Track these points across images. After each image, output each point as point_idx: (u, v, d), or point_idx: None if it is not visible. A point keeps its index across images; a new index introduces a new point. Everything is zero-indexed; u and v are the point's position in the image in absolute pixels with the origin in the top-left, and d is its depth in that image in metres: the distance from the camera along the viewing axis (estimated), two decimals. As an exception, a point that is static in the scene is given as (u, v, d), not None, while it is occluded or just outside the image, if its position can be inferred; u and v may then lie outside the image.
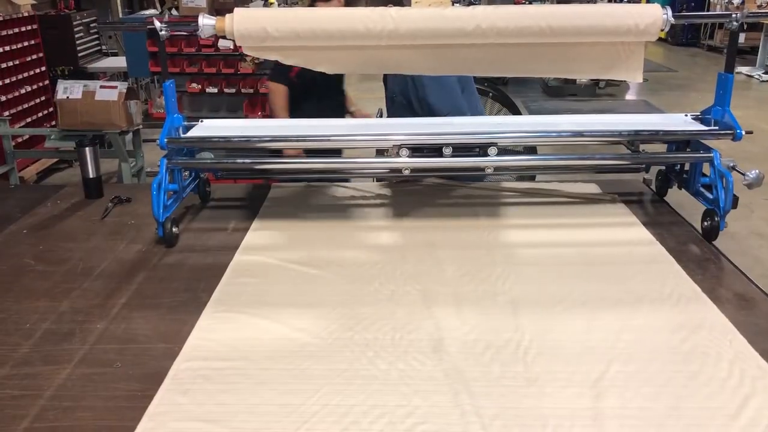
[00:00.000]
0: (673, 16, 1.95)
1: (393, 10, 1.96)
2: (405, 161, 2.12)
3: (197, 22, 2.01)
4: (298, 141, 2.30)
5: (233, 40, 2.00)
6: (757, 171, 2.00)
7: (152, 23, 2.07)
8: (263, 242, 2.10)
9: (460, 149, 2.14)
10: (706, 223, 2.08)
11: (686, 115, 2.29)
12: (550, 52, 2.06)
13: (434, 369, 1.44)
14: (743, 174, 2.03)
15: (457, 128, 2.21)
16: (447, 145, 2.10)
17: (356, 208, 2.38)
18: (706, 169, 2.14)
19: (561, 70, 2.21)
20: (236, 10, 1.98)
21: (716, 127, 2.14)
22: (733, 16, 2.00)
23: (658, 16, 1.94)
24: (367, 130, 2.32)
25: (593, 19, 1.97)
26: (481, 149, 2.11)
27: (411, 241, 2.09)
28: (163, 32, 2.05)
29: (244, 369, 1.45)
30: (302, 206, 2.43)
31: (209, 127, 2.30)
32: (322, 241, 2.12)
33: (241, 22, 1.96)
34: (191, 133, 2.23)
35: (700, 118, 2.24)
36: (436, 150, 2.13)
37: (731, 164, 2.05)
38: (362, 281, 1.84)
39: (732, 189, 2.00)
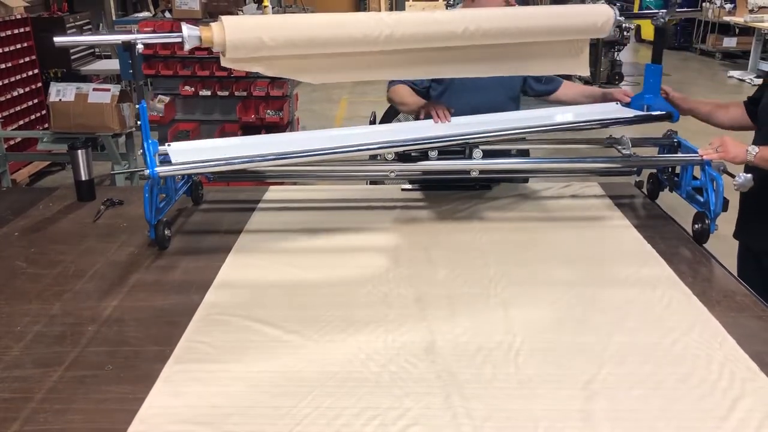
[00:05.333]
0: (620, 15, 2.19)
1: (385, 15, 1.97)
2: (391, 166, 2.14)
3: (180, 32, 1.79)
4: (286, 158, 2.06)
5: (221, 52, 1.81)
6: (746, 174, 2.02)
7: (128, 37, 1.83)
8: (256, 245, 2.10)
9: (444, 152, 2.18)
10: (696, 226, 2.09)
11: (617, 104, 2.48)
12: (517, 51, 2.15)
13: (426, 371, 1.44)
14: (734, 177, 2.04)
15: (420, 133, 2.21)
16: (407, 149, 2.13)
17: (349, 211, 2.39)
18: (698, 172, 2.16)
19: (523, 68, 2.31)
20: (224, 18, 1.82)
21: (654, 112, 2.34)
22: (660, 14, 2.30)
23: (611, 15, 2.16)
24: (351, 141, 2.18)
25: (563, 18, 2.14)
26: (468, 151, 2.18)
27: (404, 243, 2.09)
28: (139, 46, 1.80)
29: (236, 371, 1.45)
30: (295, 209, 2.43)
31: (193, 150, 2.06)
32: (315, 243, 2.12)
33: (233, 32, 1.80)
34: (183, 158, 1.95)
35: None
36: (423, 153, 2.15)
37: (722, 167, 2.07)
38: (355, 283, 1.84)
39: (722, 192, 2.02)
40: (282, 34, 1.86)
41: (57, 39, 1.83)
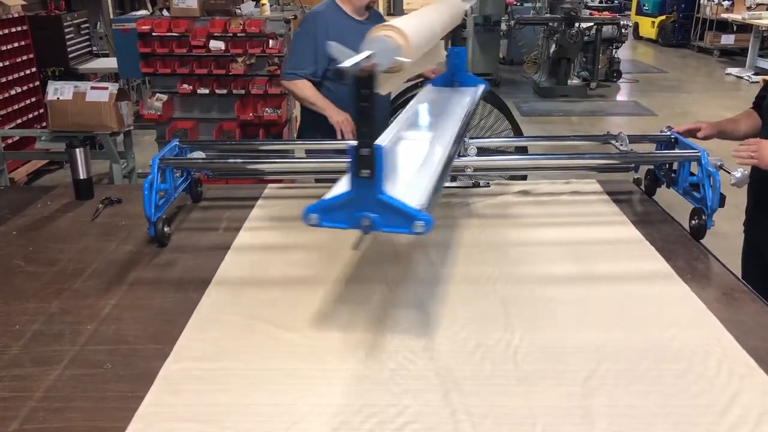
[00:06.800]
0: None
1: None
2: None
3: (378, 49, 1.34)
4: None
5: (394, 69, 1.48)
6: (743, 170, 2.02)
7: (367, 66, 1.28)
8: (255, 242, 2.10)
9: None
10: (693, 222, 2.10)
11: (428, 84, 2.66)
12: None
13: (425, 368, 1.45)
14: (730, 173, 2.04)
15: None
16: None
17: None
18: (695, 168, 2.16)
19: None
20: (395, 23, 1.47)
21: (470, 86, 2.52)
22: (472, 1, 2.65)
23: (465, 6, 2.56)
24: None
25: (455, 9, 2.32)
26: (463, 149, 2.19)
27: (402, 241, 2.09)
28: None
29: (235, 369, 1.45)
30: (294, 206, 2.43)
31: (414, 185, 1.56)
32: (313, 241, 2.12)
33: (413, 39, 1.50)
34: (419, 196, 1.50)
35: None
36: None
37: (718, 163, 2.07)
38: (354, 281, 1.84)
39: (719, 188, 2.02)
40: (424, 33, 1.67)
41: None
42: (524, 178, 2.98)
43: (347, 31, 2.85)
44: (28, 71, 5.78)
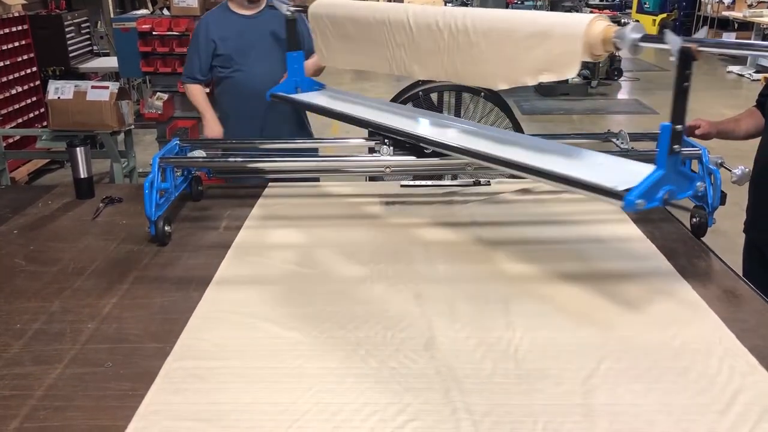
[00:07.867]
0: None
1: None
2: (387, 159, 2.13)
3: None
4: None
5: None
6: (743, 167, 2.02)
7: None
8: (255, 241, 2.10)
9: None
10: (694, 220, 2.09)
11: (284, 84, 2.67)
12: None
13: (426, 366, 1.45)
14: (731, 171, 2.04)
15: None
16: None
17: (349, 207, 2.39)
18: (695, 166, 2.16)
19: None
20: (576, 14, 1.58)
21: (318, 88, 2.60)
22: (289, 5, 2.55)
23: None
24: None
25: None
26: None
27: (403, 239, 2.09)
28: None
29: (236, 368, 1.45)
30: (295, 205, 2.43)
31: None
32: (314, 239, 2.12)
33: None
34: None
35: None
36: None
37: (719, 161, 2.07)
38: (354, 279, 1.84)
39: (720, 185, 2.02)
40: None
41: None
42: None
43: (230, 26, 2.99)
44: (28, 70, 5.79)
